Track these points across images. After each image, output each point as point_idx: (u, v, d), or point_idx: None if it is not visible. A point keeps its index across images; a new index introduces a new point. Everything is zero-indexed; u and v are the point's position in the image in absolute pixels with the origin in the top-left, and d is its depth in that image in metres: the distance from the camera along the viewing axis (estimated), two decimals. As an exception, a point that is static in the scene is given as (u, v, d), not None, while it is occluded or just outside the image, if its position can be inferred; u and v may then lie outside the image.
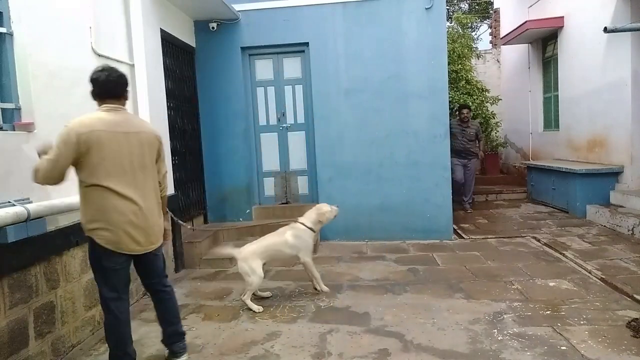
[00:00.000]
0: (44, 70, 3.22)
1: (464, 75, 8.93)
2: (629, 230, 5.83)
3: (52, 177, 2.52)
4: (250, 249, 4.00)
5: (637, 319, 3.35)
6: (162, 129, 4.98)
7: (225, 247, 4.31)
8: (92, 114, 2.66)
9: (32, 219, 2.76)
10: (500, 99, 10.40)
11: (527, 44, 9.96)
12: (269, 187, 6.70)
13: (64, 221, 3.31)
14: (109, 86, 2.67)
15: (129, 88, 2.82)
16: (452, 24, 11.04)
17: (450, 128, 6.80)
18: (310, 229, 4.13)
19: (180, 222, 4.75)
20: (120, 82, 2.72)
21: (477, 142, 7.93)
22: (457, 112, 8.02)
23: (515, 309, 3.72)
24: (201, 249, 5.39)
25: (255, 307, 3.86)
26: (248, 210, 6.44)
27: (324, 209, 4.20)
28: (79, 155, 2.52)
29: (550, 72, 9.32)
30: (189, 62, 6.20)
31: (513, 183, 10.02)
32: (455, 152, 7.48)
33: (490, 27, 15.34)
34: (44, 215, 2.90)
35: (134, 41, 4.37)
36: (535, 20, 8.77)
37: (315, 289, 4.25)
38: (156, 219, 2.82)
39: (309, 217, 4.19)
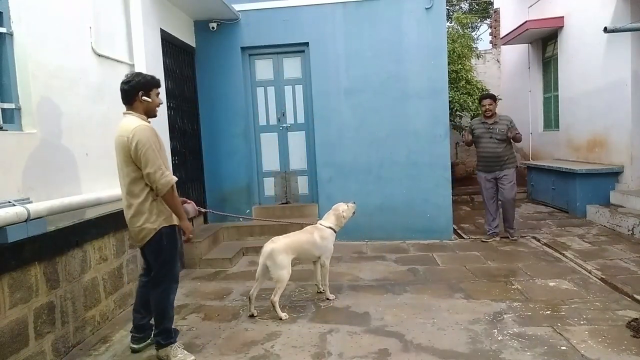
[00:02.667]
0: (44, 70, 3.22)
1: (464, 75, 8.93)
2: (629, 230, 5.84)
3: None
4: (285, 242, 3.80)
5: (637, 319, 3.35)
6: (162, 129, 4.98)
7: None
8: None
9: (32, 219, 2.76)
10: (500, 99, 10.37)
11: (527, 44, 9.97)
12: (269, 187, 6.70)
13: (64, 221, 3.30)
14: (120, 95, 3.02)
15: (140, 92, 2.96)
16: (452, 24, 11.04)
17: (472, 130, 5.79)
18: (334, 230, 4.12)
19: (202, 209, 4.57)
20: (121, 90, 2.98)
21: (510, 143, 5.74)
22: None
23: (515, 309, 3.72)
24: (201, 249, 5.39)
25: (283, 314, 3.69)
26: (248, 210, 6.44)
27: (341, 208, 4.17)
28: None
29: (550, 72, 9.33)
30: (189, 62, 6.20)
31: (513, 183, 10.01)
32: (481, 161, 5.82)
33: (490, 27, 15.33)
34: (44, 215, 2.89)
35: (134, 41, 4.37)
36: (535, 20, 8.77)
37: (319, 292, 4.22)
38: (130, 219, 2.97)
39: (330, 219, 4.15)
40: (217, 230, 6.01)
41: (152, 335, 3.16)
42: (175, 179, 2.93)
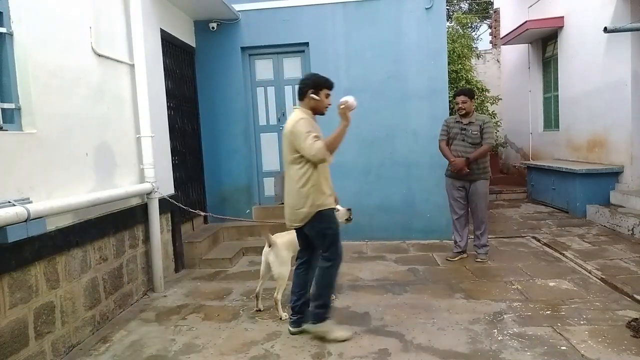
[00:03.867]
0: (44, 70, 3.22)
1: (464, 75, 8.93)
2: (629, 230, 5.84)
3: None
4: (287, 239, 3.80)
5: (637, 319, 3.35)
6: (162, 129, 4.99)
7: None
8: None
9: (32, 219, 2.76)
10: (500, 99, 10.40)
11: (527, 44, 9.97)
12: (269, 187, 6.69)
13: (64, 221, 3.31)
14: None
15: (310, 90, 3.35)
16: (452, 24, 11.04)
17: (448, 129, 5.07)
18: None
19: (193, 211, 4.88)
20: (298, 87, 3.40)
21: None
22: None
23: (515, 309, 3.72)
24: (201, 249, 5.39)
25: (283, 313, 3.68)
26: (248, 210, 6.44)
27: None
28: None
29: (550, 72, 9.33)
30: (189, 62, 6.19)
31: (513, 183, 10.04)
32: (451, 165, 5.03)
33: (490, 27, 15.34)
34: (44, 215, 2.89)
35: (134, 41, 4.36)
36: (535, 20, 8.77)
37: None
38: (291, 202, 3.29)
39: None
40: (217, 230, 6.01)
41: (311, 308, 3.36)
42: (321, 143, 3.16)
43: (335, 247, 3.30)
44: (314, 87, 3.34)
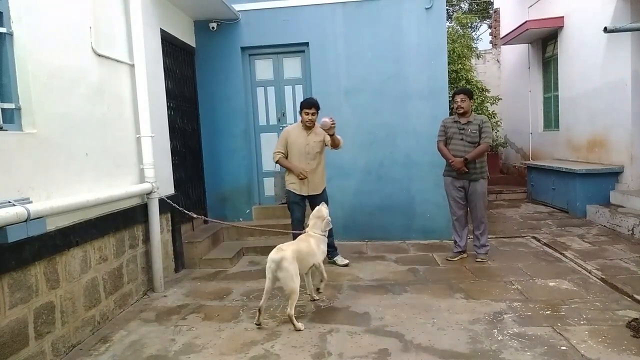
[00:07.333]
0: (44, 70, 3.22)
1: (464, 75, 8.92)
2: (629, 230, 5.84)
3: None
4: (293, 250, 3.62)
5: (637, 319, 3.35)
6: (162, 129, 4.99)
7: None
8: None
9: (32, 219, 2.76)
10: (500, 99, 10.40)
11: (527, 44, 9.97)
12: (269, 187, 6.68)
13: (64, 221, 3.30)
14: None
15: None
16: (452, 24, 11.04)
17: (445, 129, 5.05)
18: (324, 236, 4.07)
19: (189, 213, 4.87)
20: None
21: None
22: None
23: (515, 309, 3.72)
24: (201, 249, 5.39)
25: (299, 324, 3.49)
26: (248, 210, 6.44)
27: (325, 213, 4.09)
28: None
29: (550, 72, 9.33)
30: (189, 62, 6.20)
31: (513, 183, 10.04)
32: (450, 165, 5.05)
33: (490, 27, 15.35)
34: (44, 215, 2.89)
35: (134, 41, 4.36)
36: (535, 20, 8.78)
37: (318, 289, 4.04)
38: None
39: (317, 225, 4.03)
40: (217, 230, 6.01)
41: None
42: (276, 158, 5.07)
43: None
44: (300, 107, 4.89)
